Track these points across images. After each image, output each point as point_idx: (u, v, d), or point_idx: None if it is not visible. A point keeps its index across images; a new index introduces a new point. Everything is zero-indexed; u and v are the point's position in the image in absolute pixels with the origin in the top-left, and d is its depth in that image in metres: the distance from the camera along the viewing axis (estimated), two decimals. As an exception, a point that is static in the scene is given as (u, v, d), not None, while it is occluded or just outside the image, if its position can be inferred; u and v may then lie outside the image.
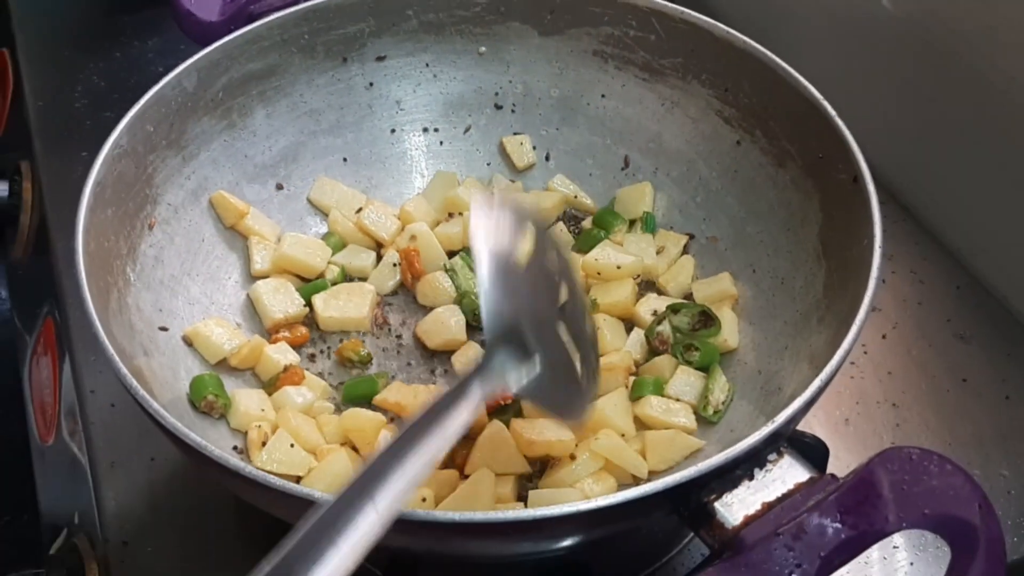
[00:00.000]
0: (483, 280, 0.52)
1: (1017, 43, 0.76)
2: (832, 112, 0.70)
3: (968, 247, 0.89)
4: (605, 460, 0.67)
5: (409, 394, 0.71)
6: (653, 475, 0.67)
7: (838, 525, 0.50)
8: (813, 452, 0.66)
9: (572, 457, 0.67)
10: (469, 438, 0.69)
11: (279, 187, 0.82)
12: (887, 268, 0.89)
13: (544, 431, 0.68)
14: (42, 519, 0.88)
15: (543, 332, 0.55)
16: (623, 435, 0.69)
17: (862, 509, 0.50)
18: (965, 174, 0.87)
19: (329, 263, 0.80)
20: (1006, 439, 0.78)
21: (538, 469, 0.69)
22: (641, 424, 0.71)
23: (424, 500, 0.64)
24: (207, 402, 0.68)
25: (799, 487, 0.53)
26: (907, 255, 0.90)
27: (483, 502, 0.63)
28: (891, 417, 0.80)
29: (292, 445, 0.66)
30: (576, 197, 0.85)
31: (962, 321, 0.85)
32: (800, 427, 0.70)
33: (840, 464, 0.73)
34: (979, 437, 0.78)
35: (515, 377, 0.52)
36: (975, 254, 0.88)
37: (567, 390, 0.58)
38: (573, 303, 0.60)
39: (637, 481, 0.67)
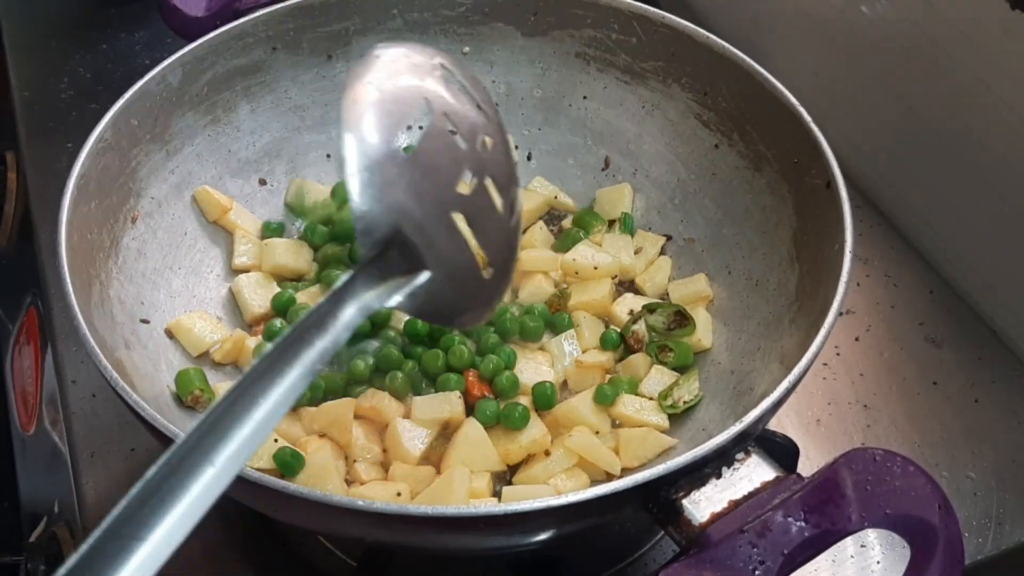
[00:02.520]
0: (349, 175, 0.46)
1: (992, 51, 0.78)
2: (807, 118, 0.71)
3: (942, 253, 0.90)
4: (579, 457, 0.68)
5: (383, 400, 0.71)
6: (626, 472, 0.68)
7: (802, 523, 0.51)
8: (784, 452, 0.68)
9: (547, 453, 0.69)
10: (445, 436, 0.70)
11: (262, 182, 0.83)
12: (862, 271, 0.90)
13: (520, 437, 0.69)
14: (22, 508, 0.89)
15: (432, 230, 0.49)
16: (597, 432, 0.70)
17: (826, 508, 0.52)
18: (940, 182, 0.88)
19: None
20: (974, 441, 0.79)
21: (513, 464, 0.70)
22: (616, 421, 0.72)
23: (399, 495, 0.65)
24: (193, 396, 0.68)
25: (765, 486, 0.54)
26: (882, 259, 0.91)
27: (457, 497, 0.64)
28: (862, 418, 0.81)
29: (276, 440, 0.67)
30: (557, 197, 0.86)
31: (934, 325, 0.87)
32: (773, 427, 0.72)
33: (811, 463, 0.75)
34: (947, 439, 0.79)
35: (390, 292, 0.48)
36: (948, 260, 0.89)
37: (465, 292, 0.53)
38: (482, 180, 0.53)
39: (610, 477, 0.68)
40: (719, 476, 0.54)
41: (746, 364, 0.71)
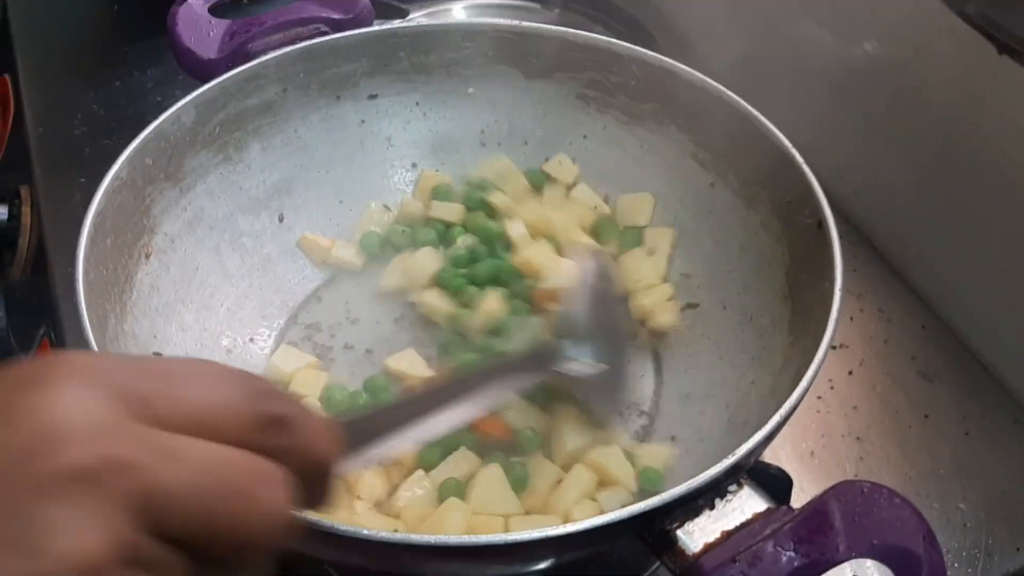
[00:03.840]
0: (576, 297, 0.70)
1: (980, 94, 0.80)
2: (799, 159, 0.73)
3: (935, 289, 0.92)
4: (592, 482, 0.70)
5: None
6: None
7: (792, 553, 0.53)
8: (777, 483, 0.69)
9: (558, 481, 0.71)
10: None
11: (281, 219, 0.86)
12: (856, 306, 0.92)
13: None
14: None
15: (610, 346, 0.70)
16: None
17: (815, 538, 0.54)
18: (933, 220, 0.90)
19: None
20: (964, 474, 0.81)
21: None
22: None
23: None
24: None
25: (757, 517, 0.56)
26: (876, 295, 0.93)
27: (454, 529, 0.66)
28: (855, 450, 0.82)
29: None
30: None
31: (926, 360, 0.88)
32: (768, 459, 0.73)
33: (804, 494, 0.75)
34: (938, 471, 0.81)
35: (574, 362, 0.68)
36: (941, 296, 0.91)
37: (607, 397, 0.73)
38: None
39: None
40: (712, 507, 0.56)
41: (740, 398, 0.74)
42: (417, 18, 1.12)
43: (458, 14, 1.17)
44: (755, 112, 0.77)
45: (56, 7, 1.25)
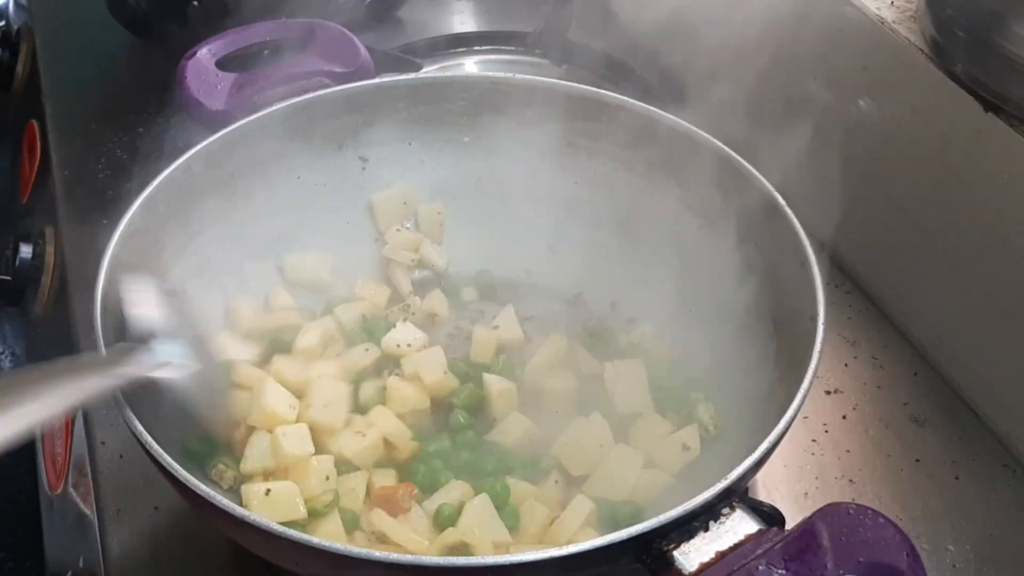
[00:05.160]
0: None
1: (967, 149, 0.83)
2: (782, 202, 0.77)
3: (927, 338, 0.94)
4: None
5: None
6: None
7: (783, 571, 0.56)
8: (772, 521, 0.72)
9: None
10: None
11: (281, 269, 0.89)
12: (850, 353, 0.95)
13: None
14: (47, 565, 0.92)
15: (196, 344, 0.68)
16: None
17: (804, 557, 0.56)
18: (924, 269, 0.93)
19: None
20: (954, 516, 0.83)
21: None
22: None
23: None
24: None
25: (749, 538, 0.59)
26: (869, 342, 0.96)
27: None
28: (848, 492, 0.84)
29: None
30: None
31: (918, 405, 0.91)
32: (763, 498, 0.76)
33: None
34: (928, 513, 0.83)
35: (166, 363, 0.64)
36: (933, 345, 0.94)
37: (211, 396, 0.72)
38: None
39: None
40: (707, 529, 0.59)
41: (731, 432, 0.77)
42: (431, 71, 1.16)
43: (470, 68, 1.22)
44: (739, 158, 0.80)
45: (83, 57, 1.30)
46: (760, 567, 0.56)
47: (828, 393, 0.91)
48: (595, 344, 0.87)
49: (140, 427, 0.62)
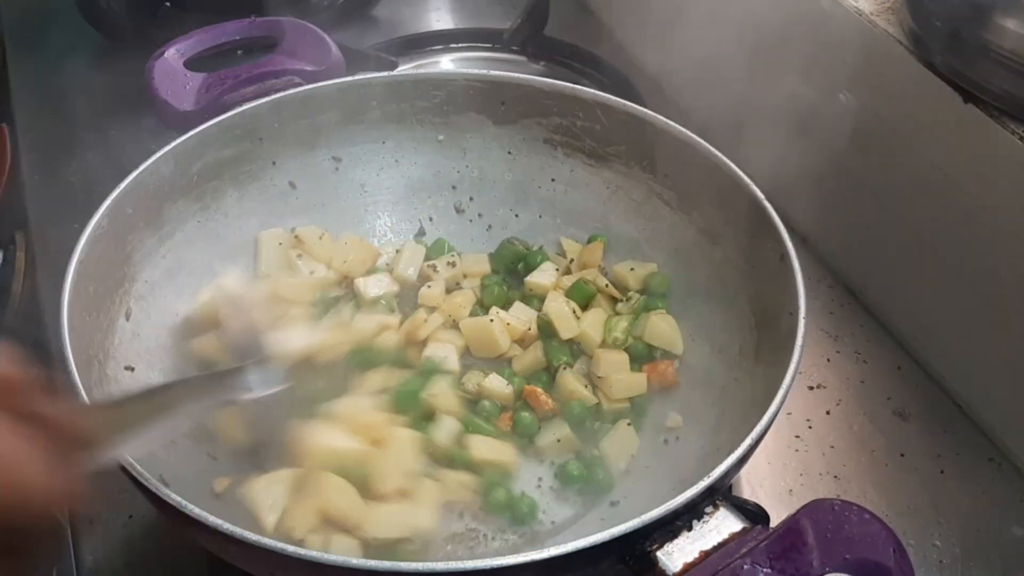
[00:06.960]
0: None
1: (946, 140, 0.82)
2: (760, 195, 0.76)
3: (910, 332, 0.94)
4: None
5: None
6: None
7: (768, 570, 0.55)
8: (756, 519, 0.71)
9: None
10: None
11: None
12: (832, 348, 0.94)
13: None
14: None
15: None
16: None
17: (790, 555, 0.55)
18: (906, 263, 0.92)
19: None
20: (939, 511, 0.82)
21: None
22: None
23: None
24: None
25: (733, 536, 0.58)
26: (852, 337, 0.96)
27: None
28: (832, 488, 0.84)
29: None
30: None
31: (902, 400, 0.90)
32: (747, 495, 0.76)
33: None
34: (914, 509, 0.82)
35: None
36: (916, 339, 0.93)
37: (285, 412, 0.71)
38: None
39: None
40: (690, 529, 0.58)
41: (712, 426, 0.76)
42: (407, 69, 1.15)
43: (446, 65, 1.21)
44: (716, 152, 0.80)
45: (53, 60, 1.27)
46: (745, 566, 0.55)
47: (811, 388, 0.90)
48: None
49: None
